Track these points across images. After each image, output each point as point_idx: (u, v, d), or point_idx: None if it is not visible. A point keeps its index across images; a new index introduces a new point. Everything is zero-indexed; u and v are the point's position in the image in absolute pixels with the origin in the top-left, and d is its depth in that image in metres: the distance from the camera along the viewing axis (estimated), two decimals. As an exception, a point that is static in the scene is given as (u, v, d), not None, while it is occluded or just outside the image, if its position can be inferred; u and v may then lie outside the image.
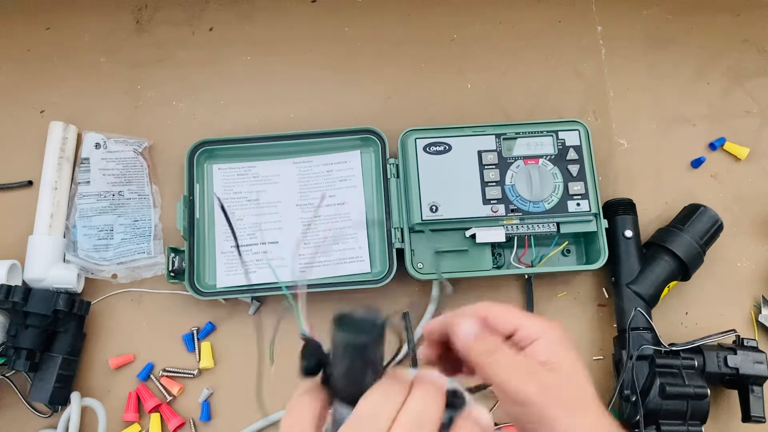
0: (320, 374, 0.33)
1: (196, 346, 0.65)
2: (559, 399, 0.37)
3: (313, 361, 0.32)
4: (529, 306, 0.65)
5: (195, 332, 0.65)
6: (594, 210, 0.64)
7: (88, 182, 0.68)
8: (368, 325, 0.30)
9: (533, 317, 0.41)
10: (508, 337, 0.39)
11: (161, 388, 0.64)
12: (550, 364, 0.39)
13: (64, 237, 0.66)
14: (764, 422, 0.59)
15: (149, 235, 0.67)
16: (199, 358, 0.65)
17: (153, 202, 0.69)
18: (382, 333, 0.31)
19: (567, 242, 0.66)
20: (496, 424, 0.62)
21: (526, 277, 0.66)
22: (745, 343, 0.61)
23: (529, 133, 0.66)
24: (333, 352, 0.31)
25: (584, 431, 0.36)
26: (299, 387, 0.34)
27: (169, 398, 0.64)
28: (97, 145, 0.69)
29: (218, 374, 0.65)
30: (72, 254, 0.65)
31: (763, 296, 0.67)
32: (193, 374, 0.64)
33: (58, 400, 0.62)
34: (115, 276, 0.66)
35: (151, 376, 0.65)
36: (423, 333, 0.40)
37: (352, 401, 0.31)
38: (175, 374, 0.65)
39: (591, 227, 0.64)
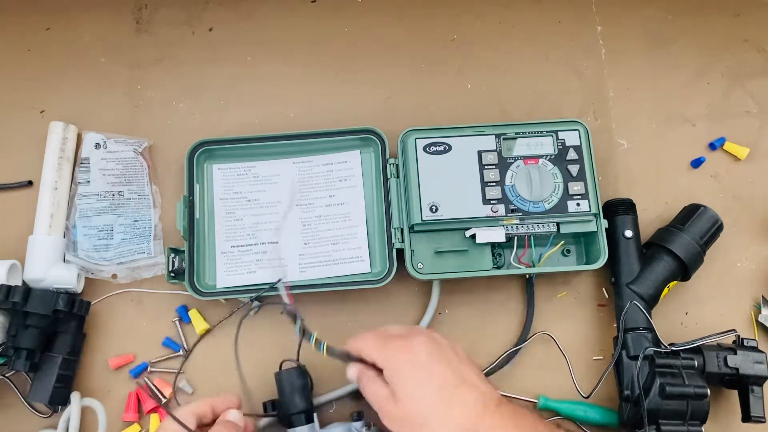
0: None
1: (183, 332, 0.65)
2: (403, 426, 0.50)
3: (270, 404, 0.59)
4: (529, 306, 0.65)
5: (177, 322, 0.65)
6: (594, 210, 0.64)
7: (88, 182, 0.68)
8: (292, 369, 0.56)
9: (381, 348, 0.52)
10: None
11: (154, 388, 0.64)
12: (393, 394, 0.50)
13: (64, 237, 0.66)
14: (764, 422, 0.59)
15: (149, 235, 0.67)
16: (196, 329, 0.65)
17: (153, 202, 0.69)
18: (304, 372, 0.57)
19: (564, 242, 0.66)
20: None
21: (527, 277, 0.66)
22: (745, 343, 0.61)
23: (528, 133, 0.66)
24: (279, 392, 0.56)
25: None
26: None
27: (163, 400, 0.63)
28: (97, 145, 0.69)
29: (218, 374, 0.65)
30: (72, 254, 0.66)
31: (763, 296, 0.67)
32: (181, 371, 0.64)
33: (58, 400, 0.62)
34: (115, 276, 0.66)
35: (146, 377, 0.64)
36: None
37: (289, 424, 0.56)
38: (163, 371, 0.64)
39: (591, 227, 0.64)
